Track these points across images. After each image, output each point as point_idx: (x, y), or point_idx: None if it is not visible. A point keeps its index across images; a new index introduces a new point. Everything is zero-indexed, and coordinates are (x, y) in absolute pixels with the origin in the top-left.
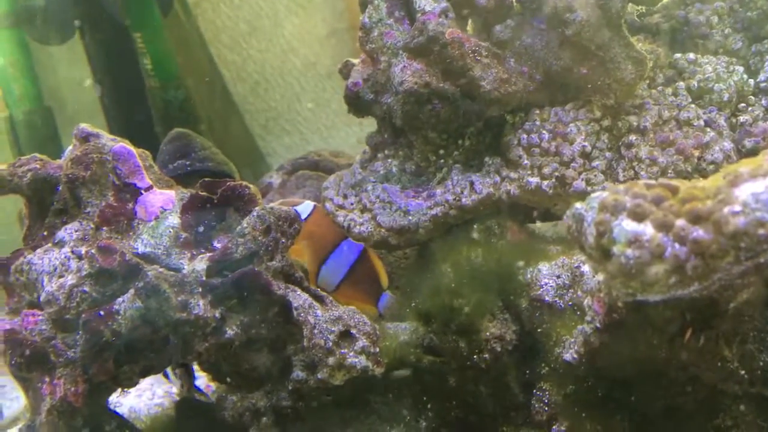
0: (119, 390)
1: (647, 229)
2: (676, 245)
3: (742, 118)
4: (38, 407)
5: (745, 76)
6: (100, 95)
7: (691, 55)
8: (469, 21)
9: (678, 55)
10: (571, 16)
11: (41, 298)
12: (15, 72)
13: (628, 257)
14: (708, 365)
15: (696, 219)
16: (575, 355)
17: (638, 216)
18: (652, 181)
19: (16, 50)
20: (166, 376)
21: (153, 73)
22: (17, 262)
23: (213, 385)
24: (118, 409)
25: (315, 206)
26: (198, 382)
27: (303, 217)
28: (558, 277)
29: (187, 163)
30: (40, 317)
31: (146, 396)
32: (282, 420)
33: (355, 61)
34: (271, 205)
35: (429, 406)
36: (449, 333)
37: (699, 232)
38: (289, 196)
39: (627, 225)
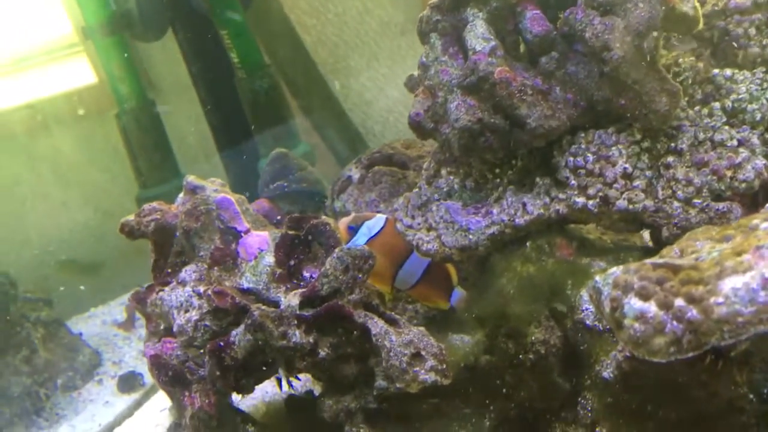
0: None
1: (651, 308)
2: (674, 323)
3: None
4: (182, 412)
5: None
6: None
7: (728, 72)
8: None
9: (716, 71)
10: (608, 54)
11: (174, 329)
12: (121, 73)
13: (636, 330)
14: (724, 386)
15: (691, 300)
16: (611, 375)
17: (644, 296)
18: (659, 260)
19: (119, 54)
20: None
21: (240, 66)
22: (152, 296)
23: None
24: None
25: (387, 219)
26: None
27: (377, 230)
28: None
29: (285, 184)
30: (176, 344)
31: None
32: (371, 418)
33: (417, 73)
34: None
35: (491, 407)
36: (499, 335)
37: (693, 313)
38: (367, 192)
39: (635, 303)
